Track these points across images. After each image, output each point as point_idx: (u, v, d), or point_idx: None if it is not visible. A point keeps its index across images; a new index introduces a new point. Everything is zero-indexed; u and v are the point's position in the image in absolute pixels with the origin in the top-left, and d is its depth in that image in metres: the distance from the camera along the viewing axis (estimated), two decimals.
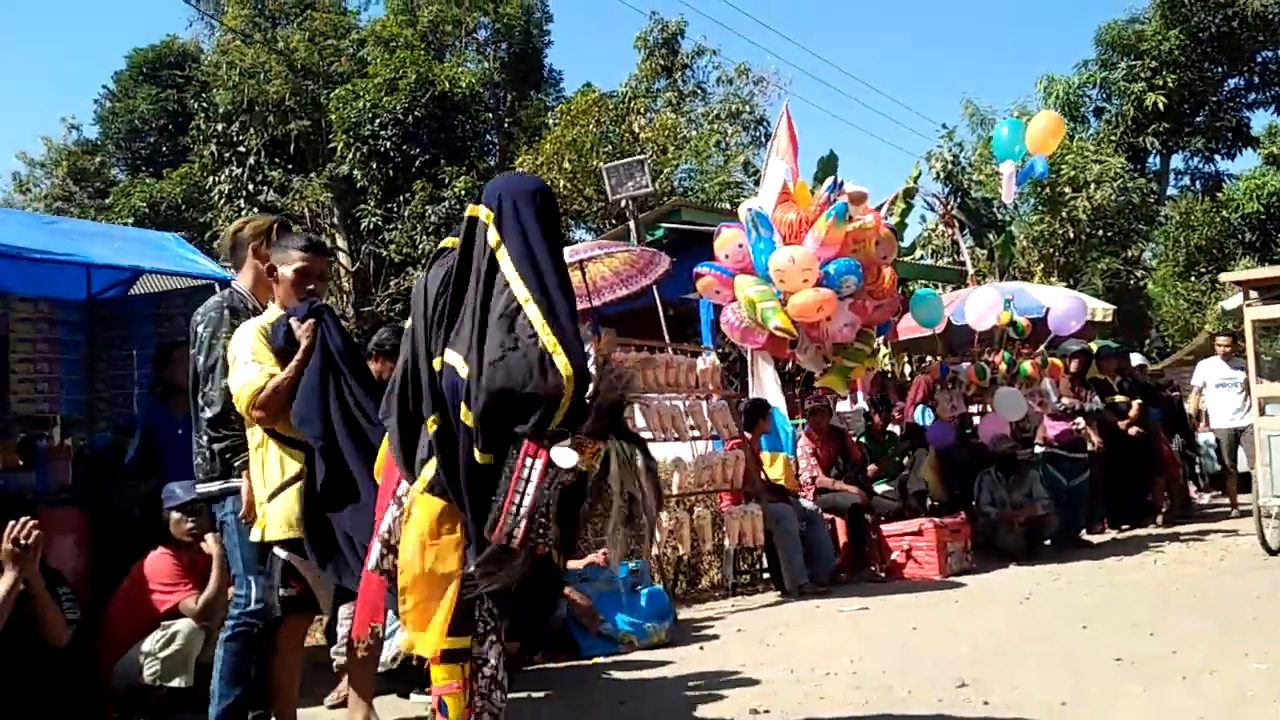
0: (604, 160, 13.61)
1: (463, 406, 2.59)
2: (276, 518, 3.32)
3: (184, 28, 28.12)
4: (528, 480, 2.50)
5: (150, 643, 4.16)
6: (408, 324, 2.91)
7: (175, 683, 4.10)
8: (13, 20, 44.82)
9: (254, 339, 3.39)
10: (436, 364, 2.68)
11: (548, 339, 2.54)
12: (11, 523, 3.55)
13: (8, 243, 4.96)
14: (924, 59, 60.55)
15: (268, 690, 3.58)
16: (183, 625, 4.16)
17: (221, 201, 19.73)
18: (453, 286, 2.74)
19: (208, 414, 3.45)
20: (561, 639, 5.20)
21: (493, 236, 2.73)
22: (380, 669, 4.10)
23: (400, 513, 2.74)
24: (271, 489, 3.34)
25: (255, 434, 3.38)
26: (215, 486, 3.48)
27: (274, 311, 3.52)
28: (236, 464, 3.43)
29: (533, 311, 2.59)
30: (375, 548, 2.82)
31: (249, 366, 3.33)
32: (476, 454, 2.56)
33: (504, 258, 2.69)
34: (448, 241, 2.95)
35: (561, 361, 2.51)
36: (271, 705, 3.57)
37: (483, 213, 2.78)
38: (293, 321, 3.37)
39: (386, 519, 2.80)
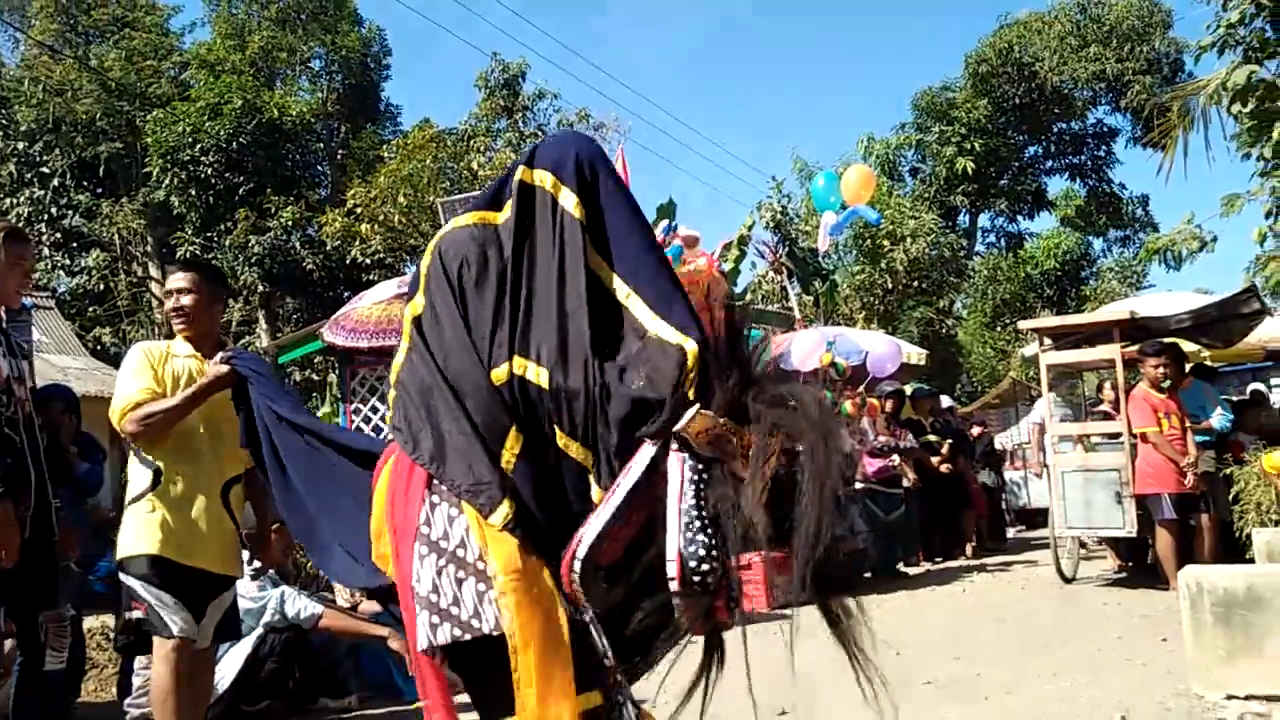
0: (441, 196, 13.43)
1: (559, 431, 2.03)
2: (121, 536, 3.29)
3: None
4: (680, 495, 1.92)
5: None
6: (413, 311, 2.22)
7: None
8: None
9: (139, 359, 3.38)
10: (500, 374, 2.07)
11: (659, 327, 2.02)
12: None
13: None
14: (757, 113, 63.24)
15: None
16: None
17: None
18: (511, 273, 2.14)
19: None
20: (384, 684, 4.99)
21: (573, 208, 2.15)
22: None
23: (446, 562, 2.03)
24: (126, 504, 3.33)
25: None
26: None
27: (180, 343, 3.47)
28: None
29: (637, 305, 2.08)
30: (421, 619, 2.02)
31: (130, 383, 3.31)
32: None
33: (591, 239, 2.13)
34: (473, 217, 2.23)
35: (676, 338, 1.99)
36: None
37: (547, 180, 2.17)
38: (208, 363, 3.34)
39: (426, 574, 2.03)
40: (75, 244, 19.43)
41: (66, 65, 19.53)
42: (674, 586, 1.90)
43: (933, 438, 10.22)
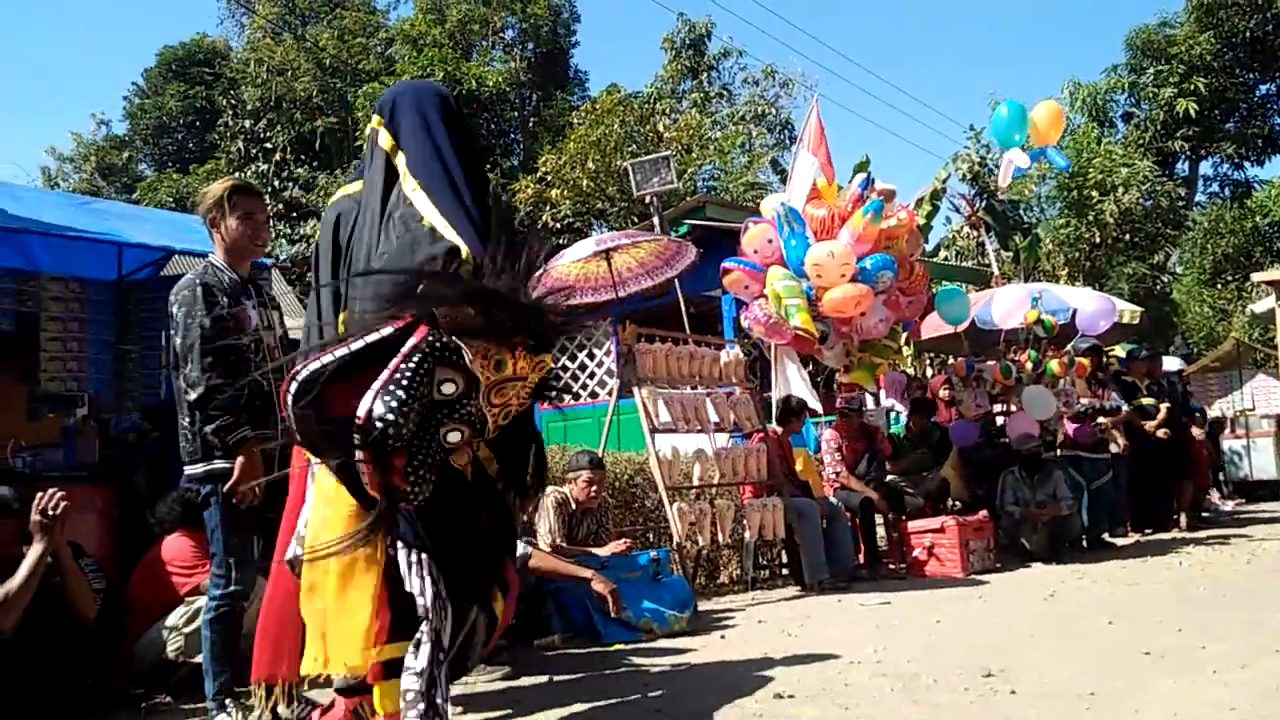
0: (628, 159, 13.63)
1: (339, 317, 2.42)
2: None
3: (214, 25, 28.42)
4: (404, 356, 2.08)
5: (175, 618, 4.18)
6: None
7: (198, 658, 4.10)
8: (45, 17, 45.44)
9: None
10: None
11: (432, 215, 2.34)
12: (39, 494, 3.59)
13: (41, 221, 5.02)
14: (951, 60, 60.32)
15: None
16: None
17: None
18: (357, 220, 2.53)
19: (191, 396, 3.36)
20: (583, 625, 5.21)
21: (385, 140, 2.51)
22: None
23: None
24: None
25: None
26: (199, 469, 3.43)
27: None
28: (231, 441, 3.34)
29: (420, 199, 2.39)
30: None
31: None
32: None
33: (401, 160, 2.47)
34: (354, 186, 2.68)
35: (446, 231, 2.31)
36: None
37: (375, 120, 2.57)
38: None
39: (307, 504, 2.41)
40: (295, 214, 20.95)
41: (286, 46, 20.97)
42: (356, 437, 1.99)
43: (1147, 401, 9.58)
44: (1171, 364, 11.06)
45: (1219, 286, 23.68)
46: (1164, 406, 9.55)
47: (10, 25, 45.64)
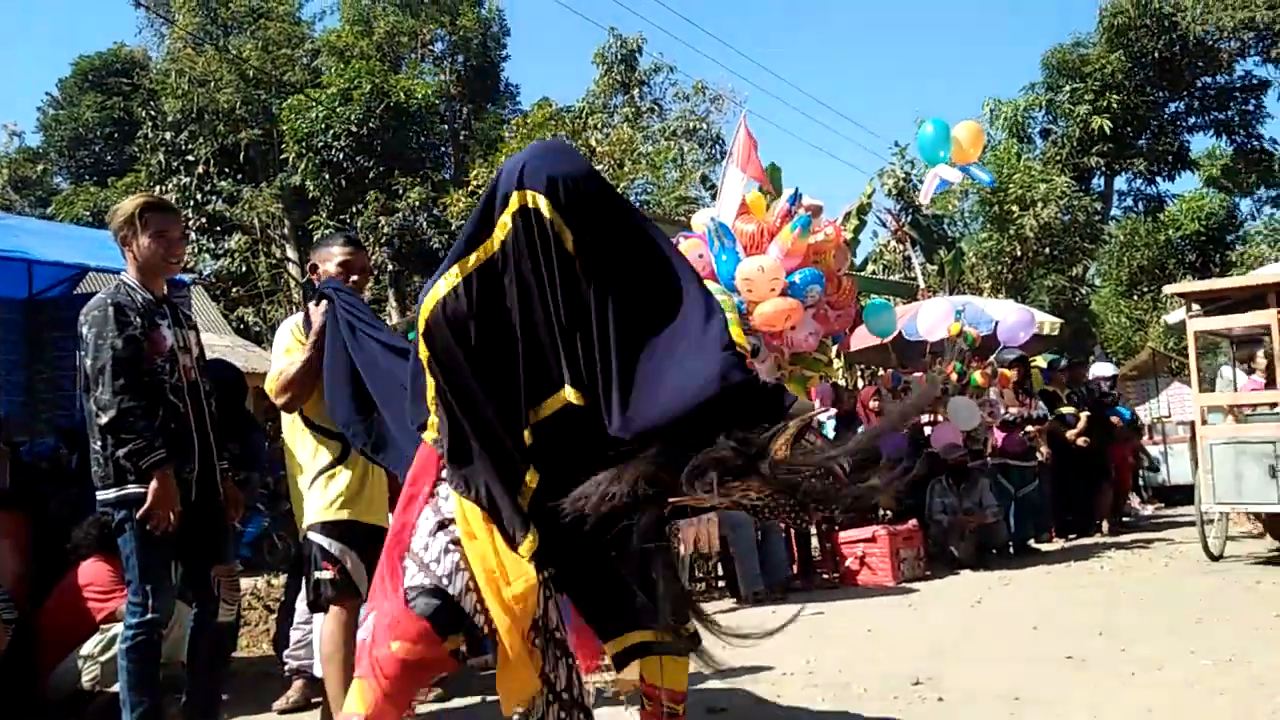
0: None
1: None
2: (311, 504, 3.35)
3: (133, 35, 27.72)
4: None
5: (90, 646, 4.04)
6: (426, 354, 2.23)
7: (115, 688, 3.96)
8: None
9: (288, 337, 3.44)
10: (545, 408, 2.16)
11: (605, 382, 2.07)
12: None
13: None
14: (877, 79, 61.65)
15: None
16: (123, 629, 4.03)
17: None
18: (519, 304, 2.15)
19: (102, 420, 3.22)
20: None
21: (567, 238, 2.09)
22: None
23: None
24: (310, 476, 3.36)
25: (293, 422, 3.38)
26: (111, 494, 3.28)
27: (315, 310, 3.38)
28: (144, 465, 3.20)
29: (600, 338, 2.09)
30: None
31: (280, 360, 3.37)
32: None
33: (580, 260, 2.10)
34: (465, 262, 2.17)
35: (615, 412, 2.05)
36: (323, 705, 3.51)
37: (542, 204, 2.08)
38: (310, 306, 3.35)
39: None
40: (219, 228, 20.47)
41: (208, 56, 20.50)
42: None
43: (1067, 410, 9.85)
44: (1104, 370, 11.31)
45: (1135, 298, 24.53)
46: (1084, 415, 9.83)
47: None
